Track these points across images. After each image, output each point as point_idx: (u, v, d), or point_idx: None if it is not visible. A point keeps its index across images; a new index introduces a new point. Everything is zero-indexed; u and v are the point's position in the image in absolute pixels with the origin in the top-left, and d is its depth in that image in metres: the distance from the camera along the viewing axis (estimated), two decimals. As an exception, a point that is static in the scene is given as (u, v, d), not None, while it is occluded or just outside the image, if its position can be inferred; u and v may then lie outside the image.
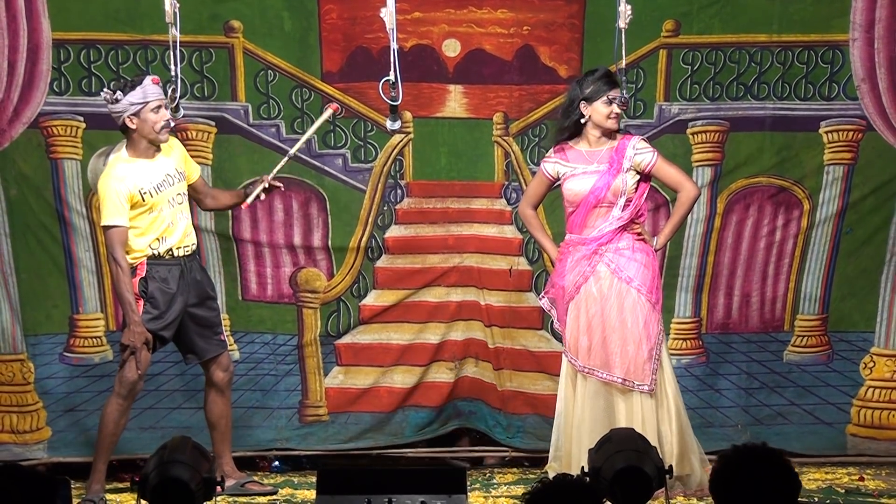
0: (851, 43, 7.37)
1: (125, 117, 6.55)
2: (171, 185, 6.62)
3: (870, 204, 7.48)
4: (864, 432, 7.53)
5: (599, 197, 6.51)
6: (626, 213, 6.52)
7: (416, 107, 7.42)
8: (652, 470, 4.54)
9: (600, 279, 6.53)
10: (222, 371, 6.80)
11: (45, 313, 7.43)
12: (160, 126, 6.56)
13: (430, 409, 7.58)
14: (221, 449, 6.81)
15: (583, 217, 6.55)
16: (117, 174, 6.54)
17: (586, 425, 6.43)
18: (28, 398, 7.42)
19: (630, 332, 6.47)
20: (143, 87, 6.55)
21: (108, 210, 6.52)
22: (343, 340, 7.55)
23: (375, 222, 7.51)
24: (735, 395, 7.54)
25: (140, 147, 6.60)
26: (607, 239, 6.52)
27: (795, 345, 7.61)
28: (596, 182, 6.51)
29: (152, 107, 6.55)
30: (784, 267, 7.55)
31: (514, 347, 7.55)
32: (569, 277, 6.56)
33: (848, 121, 7.44)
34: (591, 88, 6.51)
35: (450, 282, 7.55)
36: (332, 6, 7.38)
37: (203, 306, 6.75)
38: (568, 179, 6.57)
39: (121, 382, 6.62)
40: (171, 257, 6.65)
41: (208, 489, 4.50)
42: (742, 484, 3.50)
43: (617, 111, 6.52)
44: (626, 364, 6.46)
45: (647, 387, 6.46)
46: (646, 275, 6.51)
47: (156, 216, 6.58)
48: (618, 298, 6.50)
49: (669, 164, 6.64)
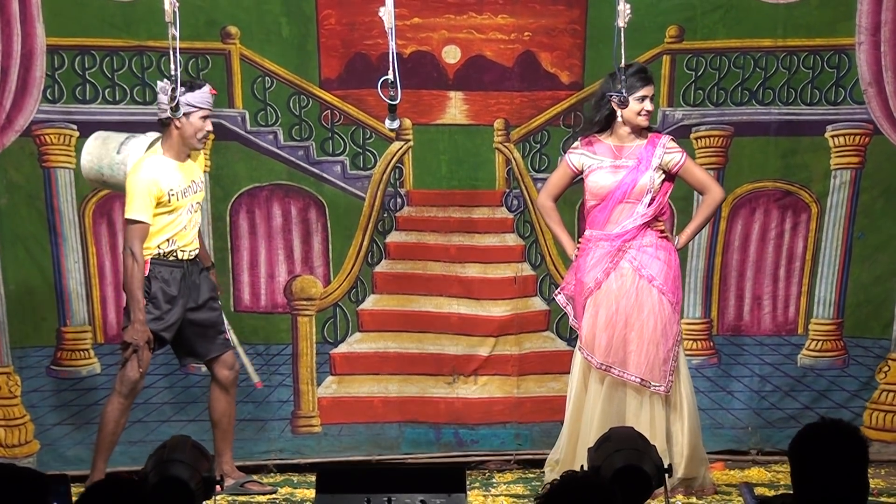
0: (857, 46, 7.37)
1: (174, 116, 6.57)
2: (194, 191, 6.68)
3: (880, 209, 7.49)
4: (876, 435, 7.49)
5: (626, 193, 6.49)
6: (650, 209, 6.49)
7: (416, 114, 7.39)
8: (651, 469, 4.52)
9: (622, 276, 6.50)
10: (227, 369, 6.79)
11: (32, 325, 7.37)
12: (202, 135, 6.63)
13: (428, 425, 7.52)
14: (222, 447, 6.79)
15: (607, 213, 6.52)
16: (152, 171, 6.56)
17: (596, 424, 6.37)
18: (15, 412, 7.34)
19: (650, 333, 6.44)
20: (202, 92, 6.63)
21: (137, 205, 6.52)
22: (339, 350, 7.50)
23: (375, 228, 7.44)
24: (747, 398, 7.50)
25: (176, 148, 6.63)
26: (631, 235, 6.49)
27: (810, 349, 7.59)
28: (623, 178, 6.49)
29: (202, 114, 6.61)
30: (795, 270, 7.54)
31: (521, 353, 7.50)
32: (590, 273, 6.51)
33: (855, 125, 7.43)
34: (626, 84, 6.45)
35: (451, 293, 7.49)
36: (331, 12, 7.34)
37: (205, 308, 6.74)
38: (593, 172, 6.54)
39: (122, 381, 6.62)
40: (175, 259, 6.66)
41: (208, 488, 4.48)
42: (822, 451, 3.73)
43: (649, 108, 6.50)
44: (644, 364, 6.43)
45: (662, 388, 6.43)
46: (668, 274, 6.49)
47: (174, 219, 6.61)
48: (638, 297, 6.47)
49: (696, 166, 6.68)
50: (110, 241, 7.37)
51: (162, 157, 6.63)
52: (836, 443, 3.69)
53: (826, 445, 3.69)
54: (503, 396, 7.50)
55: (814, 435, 3.73)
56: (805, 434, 3.77)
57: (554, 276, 7.44)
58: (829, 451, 3.67)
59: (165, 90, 6.58)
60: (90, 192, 7.31)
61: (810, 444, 3.73)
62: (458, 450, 7.52)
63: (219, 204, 7.37)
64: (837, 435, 3.71)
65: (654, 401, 6.43)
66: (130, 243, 6.54)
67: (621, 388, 6.45)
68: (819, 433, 3.73)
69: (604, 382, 6.46)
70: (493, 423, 7.52)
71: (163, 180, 6.55)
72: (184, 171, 6.64)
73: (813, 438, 3.72)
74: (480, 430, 7.52)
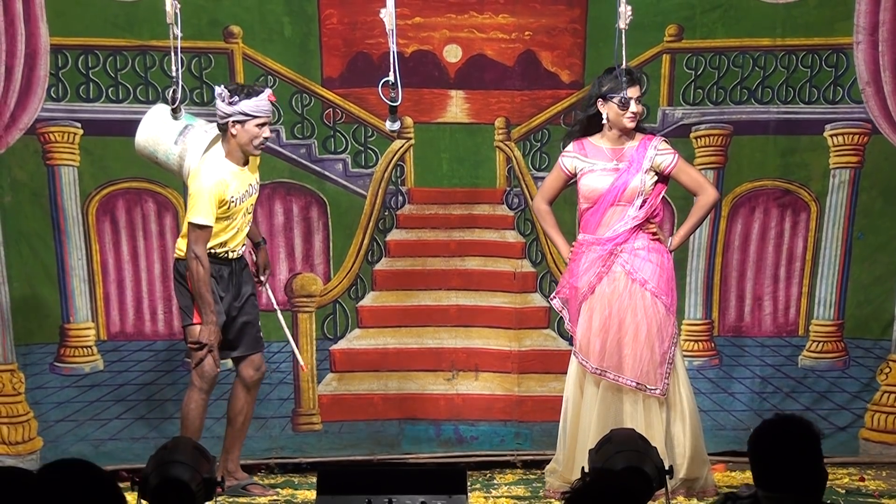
0: (855, 46, 7.36)
1: (230, 122, 6.55)
2: (249, 195, 6.69)
3: (879, 209, 7.48)
4: (877, 437, 7.50)
5: (617, 196, 6.44)
6: (641, 212, 6.44)
7: (417, 112, 7.40)
8: (652, 470, 4.52)
9: (615, 280, 6.46)
10: (253, 370, 6.80)
11: (36, 322, 7.38)
12: (258, 142, 6.60)
13: (428, 422, 7.53)
14: (231, 445, 6.81)
15: (599, 216, 6.48)
16: (217, 177, 6.55)
17: (594, 428, 6.34)
18: (19, 409, 7.36)
19: (644, 336, 6.40)
20: (259, 99, 6.57)
21: (202, 210, 6.51)
22: (338, 346, 7.52)
23: (376, 226, 7.46)
24: (748, 399, 7.50)
25: (234, 154, 6.62)
26: (623, 239, 6.45)
27: (811, 350, 7.59)
28: (615, 181, 6.44)
29: (259, 122, 6.57)
30: (795, 270, 7.54)
31: (521, 350, 7.51)
32: (583, 278, 6.48)
33: (853, 124, 7.43)
34: (608, 86, 6.44)
35: (451, 285, 7.51)
36: (333, 11, 7.36)
37: (246, 304, 6.76)
38: (585, 175, 6.49)
39: (202, 377, 6.64)
40: (225, 258, 6.68)
41: (209, 490, 4.47)
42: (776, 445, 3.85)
43: (634, 110, 6.42)
44: (638, 367, 6.39)
45: (658, 391, 6.40)
46: (661, 277, 6.43)
47: (230, 223, 6.63)
48: (632, 300, 6.43)
49: (690, 167, 6.61)
50: (113, 239, 7.40)
51: (224, 161, 6.59)
52: (789, 437, 3.82)
53: (780, 440, 3.82)
54: (504, 394, 7.51)
55: (768, 431, 3.87)
56: (760, 430, 3.90)
57: (554, 274, 7.45)
58: (784, 446, 3.80)
59: (223, 96, 6.54)
60: (93, 190, 7.33)
61: (765, 440, 3.85)
62: (458, 446, 7.53)
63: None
64: (791, 430, 3.84)
65: (651, 403, 6.39)
66: (195, 246, 6.51)
67: (617, 392, 6.42)
68: (773, 429, 3.87)
69: (599, 387, 6.43)
70: (494, 420, 7.53)
71: (226, 188, 6.54)
72: (242, 175, 6.62)
73: (768, 434, 3.86)
74: (481, 427, 7.53)
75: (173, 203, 7.40)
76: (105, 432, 7.37)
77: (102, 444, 7.35)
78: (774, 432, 3.85)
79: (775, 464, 3.80)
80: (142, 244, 7.42)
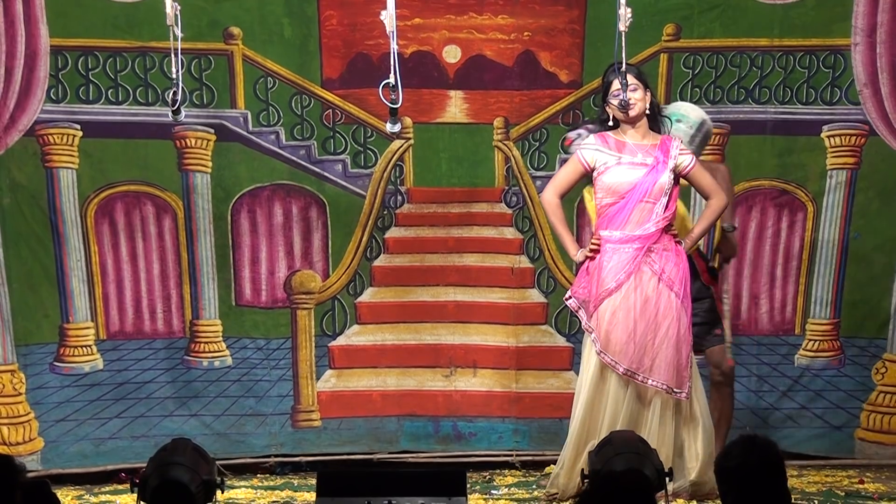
0: (853, 47, 7.38)
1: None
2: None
3: (876, 209, 7.49)
4: (873, 437, 7.52)
5: (646, 192, 6.30)
6: (668, 212, 6.33)
7: (417, 112, 7.43)
8: (652, 472, 4.51)
9: (644, 280, 6.30)
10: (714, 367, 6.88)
11: (35, 323, 7.40)
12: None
13: (426, 419, 7.56)
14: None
15: (627, 212, 6.33)
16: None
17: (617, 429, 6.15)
18: (20, 409, 7.37)
19: (673, 338, 6.28)
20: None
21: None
22: (337, 343, 7.54)
23: (375, 225, 7.48)
24: (745, 398, 7.50)
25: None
26: (656, 238, 6.31)
27: (807, 349, 7.60)
28: (644, 176, 6.31)
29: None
30: (792, 269, 7.56)
31: (519, 345, 7.52)
32: (610, 275, 6.30)
33: (850, 125, 7.44)
34: (603, 87, 6.42)
35: (449, 281, 7.53)
36: (332, 12, 7.38)
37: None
38: (611, 169, 6.33)
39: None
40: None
41: (208, 491, 4.48)
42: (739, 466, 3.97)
43: (625, 99, 6.27)
44: (670, 370, 6.26)
45: (684, 394, 6.29)
46: (683, 278, 6.34)
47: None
48: (659, 301, 6.30)
49: (704, 171, 6.49)
50: (112, 241, 7.41)
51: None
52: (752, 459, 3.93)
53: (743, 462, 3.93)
54: (502, 391, 7.53)
55: (733, 452, 3.97)
56: (726, 452, 4.00)
57: (552, 270, 7.47)
58: (746, 467, 3.91)
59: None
60: (92, 193, 7.35)
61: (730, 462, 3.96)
62: (456, 443, 7.54)
63: (220, 205, 7.40)
64: (753, 451, 3.95)
65: (669, 406, 6.28)
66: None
67: (644, 393, 6.28)
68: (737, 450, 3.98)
69: (628, 387, 6.28)
70: (492, 416, 7.54)
71: None
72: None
73: (732, 456, 3.96)
74: (479, 423, 7.55)
75: (172, 206, 7.41)
76: (105, 431, 7.39)
77: (103, 442, 7.38)
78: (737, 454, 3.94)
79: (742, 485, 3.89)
80: (140, 245, 7.42)
